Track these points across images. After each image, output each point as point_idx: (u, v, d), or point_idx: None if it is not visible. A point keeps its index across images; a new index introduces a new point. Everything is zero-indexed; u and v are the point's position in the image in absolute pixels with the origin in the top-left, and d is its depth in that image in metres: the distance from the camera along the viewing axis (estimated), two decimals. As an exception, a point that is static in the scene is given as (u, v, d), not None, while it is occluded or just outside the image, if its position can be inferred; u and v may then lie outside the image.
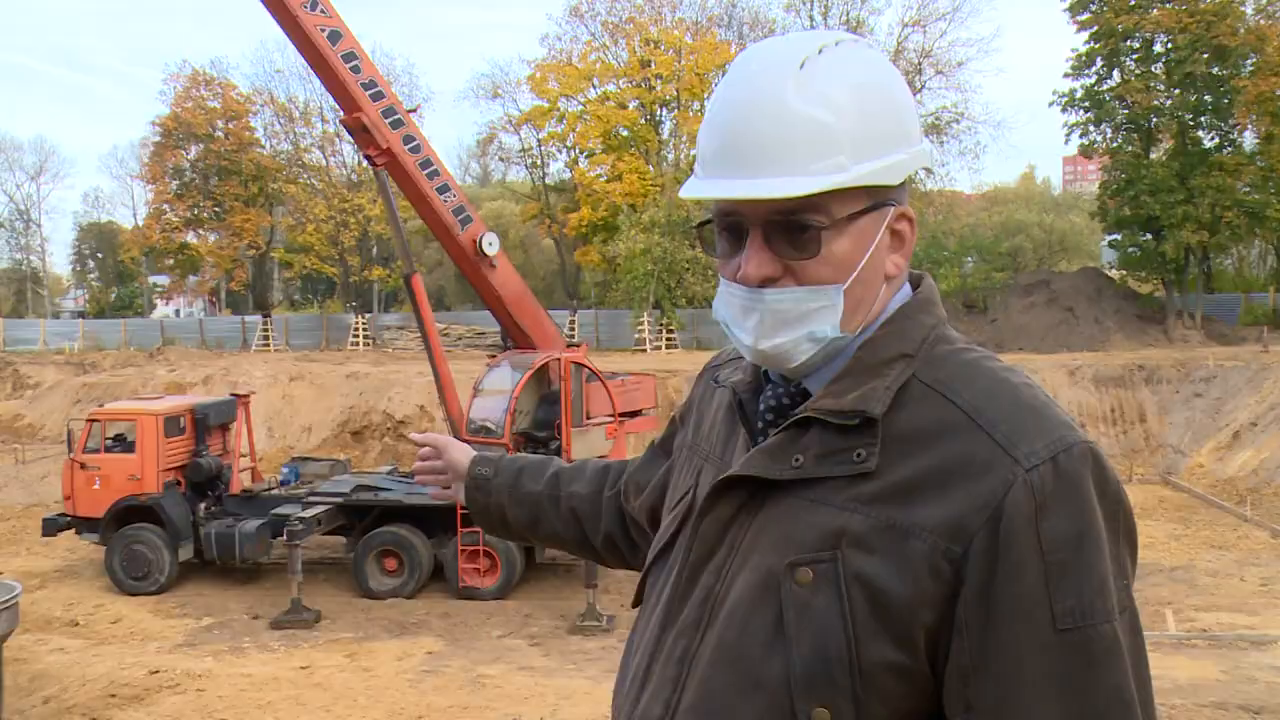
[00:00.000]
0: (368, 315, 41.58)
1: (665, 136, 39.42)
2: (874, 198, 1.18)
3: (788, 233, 1.16)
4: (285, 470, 15.35)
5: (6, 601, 8.57)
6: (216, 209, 42.58)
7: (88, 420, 14.22)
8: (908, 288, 1.29)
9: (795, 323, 1.18)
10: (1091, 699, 1.06)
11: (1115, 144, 32.36)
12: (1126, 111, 31.42)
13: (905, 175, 1.20)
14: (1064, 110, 32.61)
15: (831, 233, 1.16)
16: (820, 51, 1.16)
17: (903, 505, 1.11)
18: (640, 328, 34.53)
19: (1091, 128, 32.32)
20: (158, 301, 59.53)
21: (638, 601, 1.42)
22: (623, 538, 1.75)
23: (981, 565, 1.07)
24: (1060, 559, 1.06)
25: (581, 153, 39.58)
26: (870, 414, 1.15)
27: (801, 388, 1.26)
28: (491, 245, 14.05)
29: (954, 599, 1.09)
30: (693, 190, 1.21)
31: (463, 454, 1.89)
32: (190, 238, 43.86)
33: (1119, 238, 32.77)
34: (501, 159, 47.29)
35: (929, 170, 36.14)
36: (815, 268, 1.17)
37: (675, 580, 1.27)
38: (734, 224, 1.20)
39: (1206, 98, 30.90)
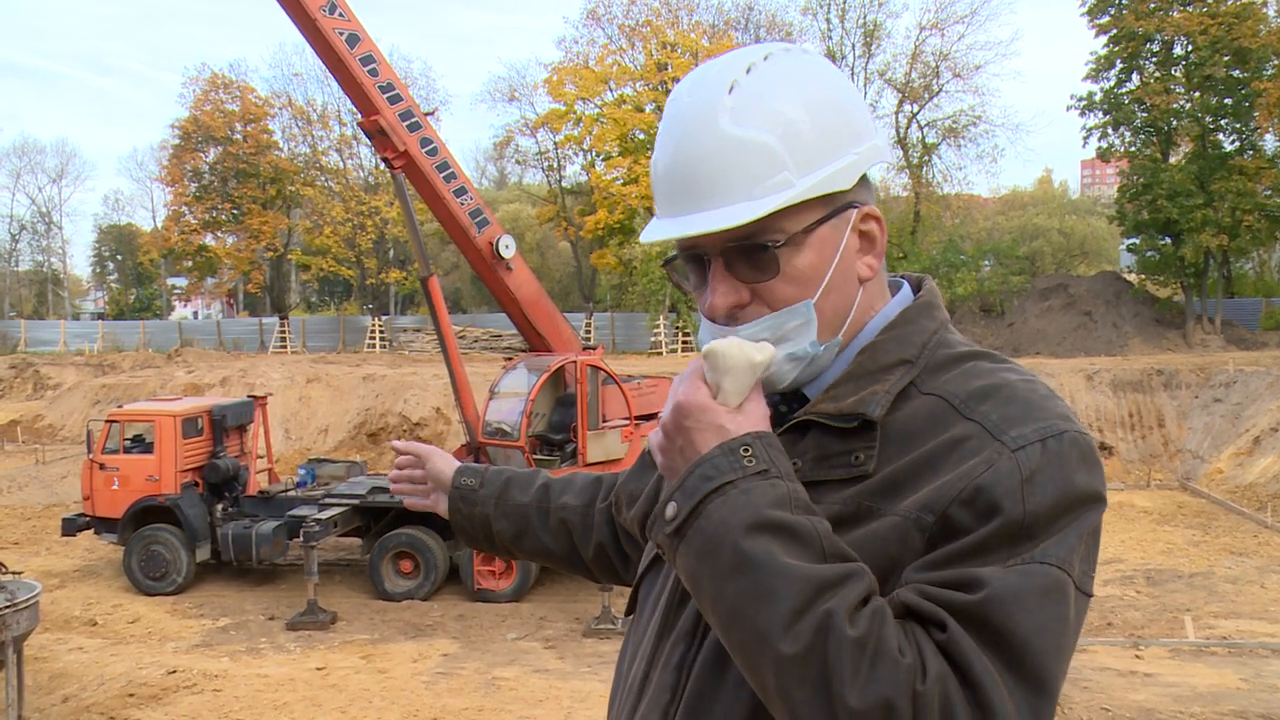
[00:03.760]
0: (384, 317, 41.76)
1: (681, 139, 39.32)
2: (830, 205, 1.17)
3: (746, 257, 1.16)
4: (302, 472, 15.40)
5: (27, 600, 8.64)
6: (234, 211, 42.81)
7: (107, 421, 14.30)
8: (908, 290, 1.28)
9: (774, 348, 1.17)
10: (1033, 615, 1.01)
11: (1134, 147, 32.16)
12: (1145, 115, 31.20)
13: (859, 175, 1.19)
14: (1082, 114, 32.49)
15: (789, 249, 1.15)
16: (749, 71, 1.15)
17: (889, 496, 1.11)
18: (656, 331, 34.56)
19: (1110, 131, 32.14)
20: (176, 303, 60.01)
21: (631, 610, 1.41)
22: (615, 550, 1.72)
23: (948, 526, 1.05)
24: (1032, 522, 1.04)
25: (598, 155, 39.61)
26: (869, 416, 1.14)
27: (799, 393, 1.25)
28: (508, 248, 14.08)
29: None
30: (649, 234, 1.21)
31: (446, 464, 1.84)
32: (208, 240, 44.10)
33: (1137, 241, 32.56)
34: (518, 162, 47.45)
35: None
36: (780, 287, 1.16)
37: (672, 587, 1.26)
38: (696, 256, 1.21)
39: (1227, 100, 30.67)
